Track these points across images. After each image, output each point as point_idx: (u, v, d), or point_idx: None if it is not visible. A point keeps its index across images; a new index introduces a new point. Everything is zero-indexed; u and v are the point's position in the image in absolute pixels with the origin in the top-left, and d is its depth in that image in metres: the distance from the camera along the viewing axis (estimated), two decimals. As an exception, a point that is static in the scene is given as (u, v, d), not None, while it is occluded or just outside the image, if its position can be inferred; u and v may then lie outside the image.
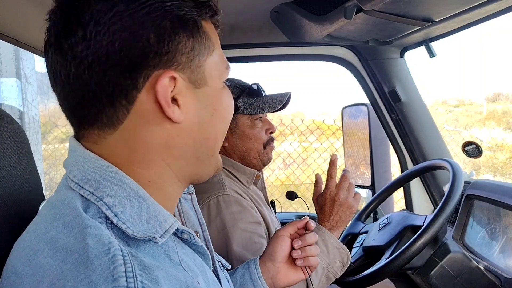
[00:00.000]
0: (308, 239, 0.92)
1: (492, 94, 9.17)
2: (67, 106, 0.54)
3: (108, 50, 0.49)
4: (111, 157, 0.54)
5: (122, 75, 0.50)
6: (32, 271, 0.45)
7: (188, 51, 0.53)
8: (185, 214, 0.75)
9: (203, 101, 0.57)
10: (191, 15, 0.53)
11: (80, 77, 0.50)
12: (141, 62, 0.50)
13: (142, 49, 0.50)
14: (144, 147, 0.54)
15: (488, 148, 6.24)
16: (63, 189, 0.54)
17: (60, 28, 0.51)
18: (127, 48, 0.49)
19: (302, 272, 0.93)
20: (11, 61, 2.73)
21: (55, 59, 0.51)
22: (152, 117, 0.53)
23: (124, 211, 0.50)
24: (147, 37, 0.50)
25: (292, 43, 1.68)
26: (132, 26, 0.49)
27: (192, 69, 0.54)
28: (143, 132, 0.53)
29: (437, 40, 1.50)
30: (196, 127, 0.57)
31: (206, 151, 0.60)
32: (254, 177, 1.33)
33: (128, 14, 0.49)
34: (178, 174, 0.59)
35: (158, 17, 0.50)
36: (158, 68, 0.51)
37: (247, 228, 1.17)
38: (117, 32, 0.49)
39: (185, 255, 0.56)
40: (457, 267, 1.21)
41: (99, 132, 0.53)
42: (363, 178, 2.23)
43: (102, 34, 0.49)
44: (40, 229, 0.50)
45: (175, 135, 0.55)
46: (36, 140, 3.05)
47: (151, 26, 0.50)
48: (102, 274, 0.42)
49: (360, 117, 2.20)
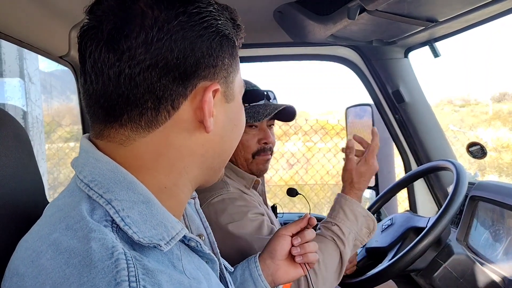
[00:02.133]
0: (307, 236, 0.93)
1: (498, 94, 9.10)
2: (103, 103, 0.53)
3: (166, 56, 0.51)
4: (133, 159, 0.54)
5: (175, 82, 0.52)
6: (35, 273, 0.45)
7: (227, 67, 0.57)
8: (189, 217, 0.76)
9: (229, 115, 0.60)
10: (232, 35, 0.58)
11: (133, 78, 0.51)
12: (194, 72, 0.53)
13: (197, 60, 0.53)
14: (171, 152, 0.55)
15: (493, 148, 6.21)
16: (69, 191, 0.54)
17: (118, 27, 0.51)
18: (184, 57, 0.52)
19: (302, 268, 0.94)
20: (15, 61, 2.74)
21: (104, 56, 0.51)
22: (187, 125, 0.55)
23: (131, 216, 0.50)
24: (202, 50, 0.53)
25: (296, 43, 1.68)
26: (191, 37, 0.52)
27: (227, 84, 0.58)
28: (174, 138, 0.55)
29: (441, 40, 1.49)
30: (219, 139, 0.59)
31: (220, 162, 0.63)
32: (253, 182, 1.31)
33: (189, 26, 0.52)
34: (192, 181, 0.60)
35: (213, 33, 0.54)
36: (206, 79, 0.54)
37: (256, 218, 1.18)
38: (178, 41, 0.51)
39: (190, 263, 0.56)
40: (461, 268, 1.21)
41: (130, 134, 0.54)
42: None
43: (164, 41, 0.51)
44: (43, 231, 0.49)
45: (201, 144, 0.57)
46: (40, 140, 3.06)
47: (207, 40, 0.54)
48: (105, 277, 0.42)
49: (364, 117, 2.20)
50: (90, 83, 0.53)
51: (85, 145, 0.56)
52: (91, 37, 0.52)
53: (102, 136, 0.55)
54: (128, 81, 0.51)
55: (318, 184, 4.92)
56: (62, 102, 3.99)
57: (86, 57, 0.53)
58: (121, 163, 0.53)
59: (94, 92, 0.53)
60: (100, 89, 0.53)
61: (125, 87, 0.51)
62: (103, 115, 0.54)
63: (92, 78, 0.53)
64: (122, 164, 0.53)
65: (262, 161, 1.31)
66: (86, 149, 0.55)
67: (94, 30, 0.52)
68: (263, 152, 1.30)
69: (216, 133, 0.58)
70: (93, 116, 0.56)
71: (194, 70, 0.53)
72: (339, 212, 1.14)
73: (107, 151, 0.54)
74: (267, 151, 1.31)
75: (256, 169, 1.31)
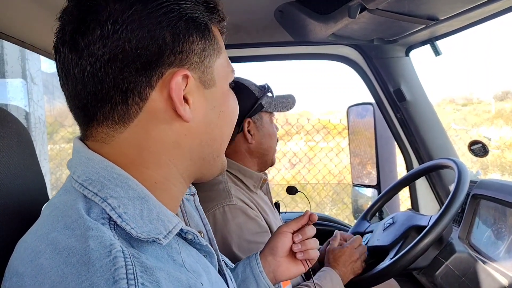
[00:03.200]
0: (308, 232, 0.94)
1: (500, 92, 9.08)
2: (78, 104, 0.54)
3: (125, 48, 0.50)
4: (119, 156, 0.54)
5: (138, 73, 0.51)
6: (34, 272, 0.45)
7: (199, 52, 0.55)
8: (188, 214, 0.76)
9: (211, 102, 0.58)
10: (203, 18, 0.55)
11: (95, 74, 0.51)
12: (157, 60, 0.51)
13: (158, 47, 0.51)
14: (153, 146, 0.55)
15: (496, 147, 6.20)
16: (65, 190, 0.55)
17: (76, 26, 0.51)
18: (143, 46, 0.50)
19: (303, 265, 0.95)
20: (17, 61, 2.74)
21: (69, 57, 0.52)
22: (162, 115, 0.54)
23: (128, 212, 0.50)
24: (163, 36, 0.51)
25: (297, 42, 1.68)
26: (149, 25, 0.51)
27: (203, 70, 0.56)
28: (153, 131, 0.54)
29: (442, 39, 1.49)
30: (203, 127, 0.58)
31: (211, 152, 0.61)
32: (261, 181, 1.32)
33: (146, 13, 0.51)
34: (183, 174, 0.59)
35: (174, 18, 0.52)
36: (172, 66, 0.53)
37: (254, 239, 1.17)
38: (135, 31, 0.50)
39: (188, 256, 0.56)
40: (463, 267, 1.21)
41: (108, 131, 0.54)
42: (370, 177, 2.23)
43: (120, 32, 0.50)
44: (41, 231, 0.50)
45: (183, 134, 0.56)
46: (42, 140, 3.06)
47: (168, 26, 0.52)
48: (103, 276, 0.42)
49: (366, 116, 2.19)
50: (64, 85, 0.54)
51: (77, 145, 0.56)
52: (58, 40, 0.54)
53: (87, 137, 0.56)
54: (92, 78, 0.51)
55: (320, 183, 4.92)
56: (64, 103, 3.99)
57: (57, 60, 0.54)
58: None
59: (69, 94, 0.54)
60: (72, 90, 0.53)
61: (91, 85, 0.51)
62: (82, 116, 0.55)
63: (64, 80, 0.54)
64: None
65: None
66: (77, 149, 0.56)
67: (60, 33, 0.54)
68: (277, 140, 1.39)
69: (199, 121, 0.57)
70: (76, 118, 0.57)
71: (157, 58, 0.51)
72: (325, 277, 1.19)
73: (94, 151, 0.55)
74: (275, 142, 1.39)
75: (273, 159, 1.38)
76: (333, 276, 1.18)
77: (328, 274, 1.18)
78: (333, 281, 1.16)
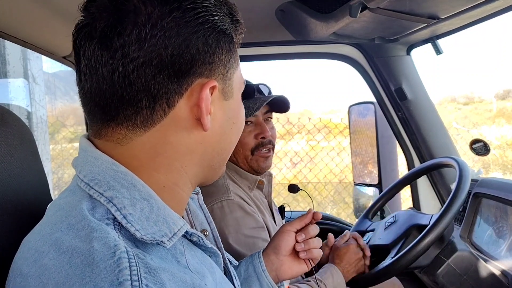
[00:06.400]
0: (311, 232, 0.94)
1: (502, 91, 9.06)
2: (98, 102, 0.53)
3: (160, 53, 0.50)
4: (131, 158, 0.54)
5: (170, 79, 0.51)
6: (38, 273, 0.45)
7: (225, 63, 0.56)
8: (193, 213, 0.76)
9: (228, 113, 0.59)
10: (230, 30, 0.57)
11: (127, 76, 0.50)
12: (189, 69, 0.52)
13: (192, 56, 0.52)
14: (168, 152, 0.55)
15: (497, 146, 6.19)
16: (70, 191, 0.55)
17: (110, 24, 0.50)
18: (178, 54, 0.51)
19: (305, 264, 0.95)
20: (19, 61, 2.74)
21: (98, 54, 0.51)
22: (184, 123, 0.54)
23: (133, 213, 0.50)
24: (197, 46, 0.52)
25: (298, 41, 1.68)
26: (186, 33, 0.51)
27: (225, 81, 0.57)
28: (171, 136, 0.54)
29: (444, 37, 1.49)
30: (217, 137, 0.59)
31: (220, 160, 0.62)
32: (256, 183, 1.31)
33: (184, 22, 0.51)
34: (191, 179, 0.60)
35: (208, 29, 0.53)
36: (202, 76, 0.53)
37: (251, 234, 1.18)
38: (172, 37, 0.50)
39: (193, 258, 0.56)
40: (464, 265, 1.21)
41: (127, 133, 0.53)
42: (371, 176, 2.23)
43: (158, 38, 0.50)
44: (45, 231, 0.50)
45: (199, 143, 0.56)
46: (44, 140, 3.07)
47: (203, 36, 0.52)
48: (107, 277, 0.42)
49: (367, 115, 2.19)
50: (85, 81, 0.53)
51: (84, 144, 0.56)
52: (84, 35, 0.52)
53: (100, 135, 0.55)
54: (122, 79, 0.50)
55: (322, 182, 4.92)
56: (66, 103, 4.00)
57: (80, 55, 0.53)
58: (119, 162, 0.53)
59: (89, 90, 0.53)
60: (95, 87, 0.52)
61: (119, 86, 0.51)
62: (99, 113, 0.54)
63: (86, 77, 0.53)
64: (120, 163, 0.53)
65: (261, 157, 1.29)
66: (84, 148, 0.55)
67: (88, 27, 0.52)
68: (262, 147, 1.29)
69: (215, 131, 0.58)
70: (89, 114, 0.56)
71: (190, 67, 0.52)
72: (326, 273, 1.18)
73: (105, 150, 0.54)
74: (266, 145, 1.29)
75: (257, 166, 1.30)
76: (334, 273, 1.18)
77: (329, 270, 1.18)
78: (334, 277, 1.16)
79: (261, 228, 1.22)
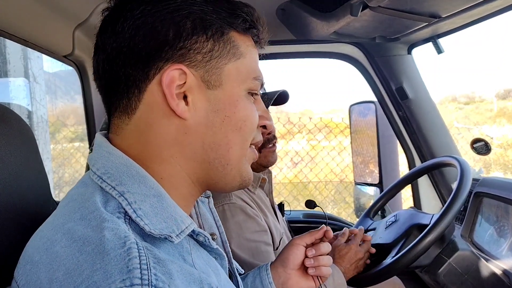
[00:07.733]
0: (322, 249, 0.91)
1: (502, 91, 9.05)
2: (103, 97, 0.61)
3: (129, 43, 0.55)
4: (128, 148, 0.57)
5: (137, 65, 0.55)
6: (49, 259, 0.46)
7: (205, 51, 0.57)
8: (203, 216, 0.77)
9: (214, 104, 0.58)
10: (219, 22, 0.58)
11: (106, 69, 0.57)
12: (155, 54, 0.55)
13: (159, 43, 0.55)
14: (155, 140, 0.57)
15: (498, 145, 6.18)
16: (82, 183, 0.56)
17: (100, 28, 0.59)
18: (145, 41, 0.55)
19: (313, 281, 0.92)
20: (19, 60, 2.74)
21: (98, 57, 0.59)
22: (160, 109, 0.56)
23: (143, 208, 0.52)
24: (166, 33, 0.55)
25: (299, 40, 1.67)
26: (153, 22, 0.55)
27: (207, 69, 0.57)
28: (154, 124, 0.56)
29: (445, 36, 1.49)
30: (204, 128, 0.58)
31: (217, 157, 0.60)
32: (259, 181, 1.31)
33: (152, 13, 0.55)
34: (191, 176, 0.60)
35: (180, 16, 0.55)
36: (170, 61, 0.55)
37: (253, 238, 1.17)
38: (140, 27, 0.55)
39: (199, 258, 0.57)
40: (465, 265, 1.20)
41: (118, 122, 0.58)
42: (372, 175, 2.23)
43: (127, 29, 0.55)
44: (58, 221, 0.51)
45: (183, 132, 0.57)
46: (45, 139, 3.07)
47: (171, 24, 0.55)
48: (117, 265, 0.43)
49: (368, 115, 2.19)
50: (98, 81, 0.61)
51: (99, 140, 0.59)
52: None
53: (111, 130, 0.61)
54: (105, 73, 0.57)
55: (322, 182, 4.92)
56: (66, 102, 4.01)
57: None
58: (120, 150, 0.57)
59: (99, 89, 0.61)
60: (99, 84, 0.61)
61: (106, 78, 0.58)
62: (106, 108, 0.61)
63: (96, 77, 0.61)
64: None
65: (269, 152, 1.31)
66: (99, 143, 0.58)
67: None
68: (268, 143, 1.30)
69: (199, 122, 0.57)
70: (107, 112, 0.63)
71: (156, 52, 0.55)
72: None
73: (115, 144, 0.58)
74: (271, 141, 1.31)
75: (266, 161, 1.31)
76: (335, 273, 1.17)
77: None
78: (335, 278, 1.16)
79: (264, 231, 1.21)
